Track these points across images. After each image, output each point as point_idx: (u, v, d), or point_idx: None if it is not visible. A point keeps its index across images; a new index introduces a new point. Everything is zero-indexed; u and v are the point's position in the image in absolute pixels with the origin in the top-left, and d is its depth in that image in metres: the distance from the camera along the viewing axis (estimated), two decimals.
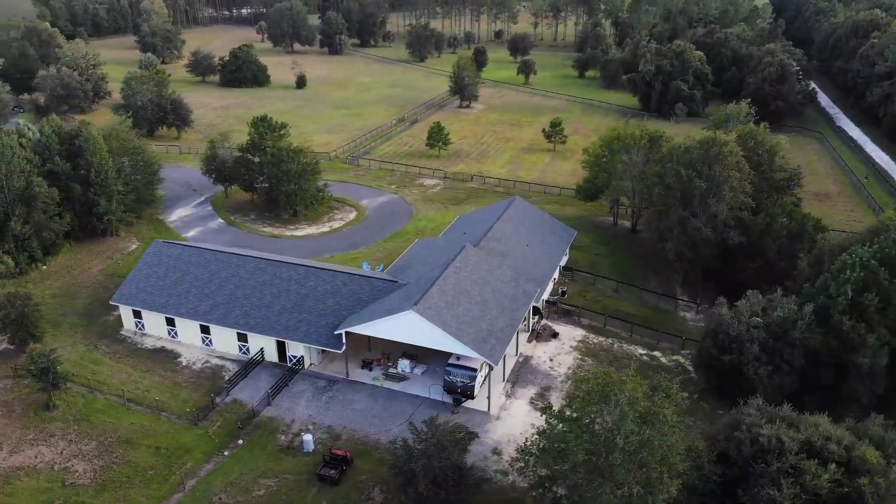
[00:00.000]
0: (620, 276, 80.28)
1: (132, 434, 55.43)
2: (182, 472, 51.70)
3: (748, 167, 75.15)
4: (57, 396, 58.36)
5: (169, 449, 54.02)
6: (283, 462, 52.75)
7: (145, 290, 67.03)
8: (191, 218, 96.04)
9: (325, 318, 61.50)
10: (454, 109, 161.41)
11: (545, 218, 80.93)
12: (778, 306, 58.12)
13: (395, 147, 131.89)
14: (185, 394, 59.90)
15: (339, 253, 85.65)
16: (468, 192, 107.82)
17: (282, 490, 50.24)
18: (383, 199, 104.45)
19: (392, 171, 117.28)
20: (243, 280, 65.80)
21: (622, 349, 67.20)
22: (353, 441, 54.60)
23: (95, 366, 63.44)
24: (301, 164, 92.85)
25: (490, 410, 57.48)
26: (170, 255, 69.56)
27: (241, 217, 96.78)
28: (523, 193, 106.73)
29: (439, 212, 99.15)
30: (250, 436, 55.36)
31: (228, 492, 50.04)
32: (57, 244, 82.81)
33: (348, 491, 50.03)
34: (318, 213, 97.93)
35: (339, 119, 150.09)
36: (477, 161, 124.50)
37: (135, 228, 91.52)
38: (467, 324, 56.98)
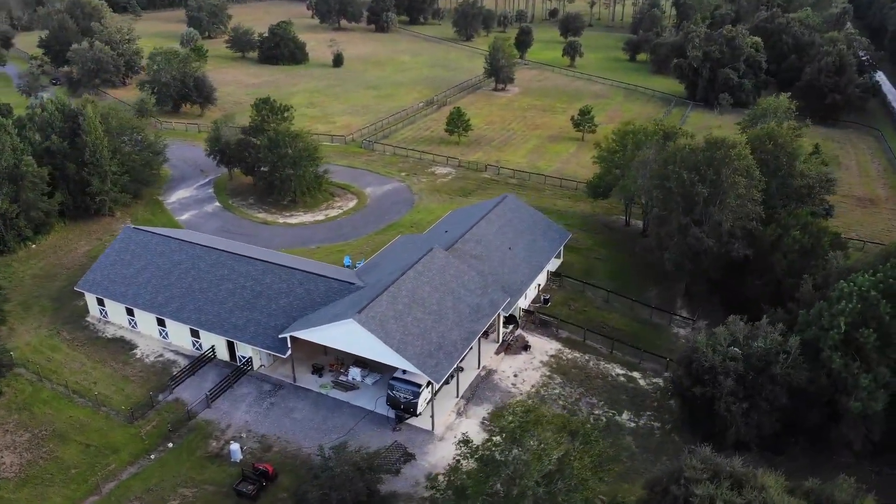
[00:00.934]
0: (617, 283, 74.47)
1: (67, 428, 54.31)
2: (103, 473, 50.18)
3: (759, 173, 67.72)
4: (5, 383, 57.86)
5: (98, 447, 52.60)
6: (208, 471, 50.52)
7: (109, 277, 65.87)
8: (189, 200, 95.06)
9: (274, 318, 58.77)
10: (488, 92, 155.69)
11: (537, 218, 75.66)
12: (760, 335, 51.77)
13: (416, 132, 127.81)
14: (131, 388, 58.45)
15: (327, 244, 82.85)
16: (479, 183, 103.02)
17: (197, 502, 48.04)
18: (388, 187, 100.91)
19: (406, 157, 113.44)
20: (202, 273, 63.73)
21: (598, 367, 61.98)
22: (284, 454, 51.86)
23: (52, 353, 62.80)
24: (298, 149, 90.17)
25: (434, 430, 53.65)
26: (137, 242, 68.14)
27: (240, 201, 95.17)
28: (537, 186, 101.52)
29: (442, 203, 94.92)
30: (182, 439, 53.40)
31: (143, 499, 48.18)
32: (48, 223, 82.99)
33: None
34: (317, 200, 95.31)
35: (368, 100, 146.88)
36: (498, 149, 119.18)
37: (131, 209, 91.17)
38: (415, 336, 53.09)
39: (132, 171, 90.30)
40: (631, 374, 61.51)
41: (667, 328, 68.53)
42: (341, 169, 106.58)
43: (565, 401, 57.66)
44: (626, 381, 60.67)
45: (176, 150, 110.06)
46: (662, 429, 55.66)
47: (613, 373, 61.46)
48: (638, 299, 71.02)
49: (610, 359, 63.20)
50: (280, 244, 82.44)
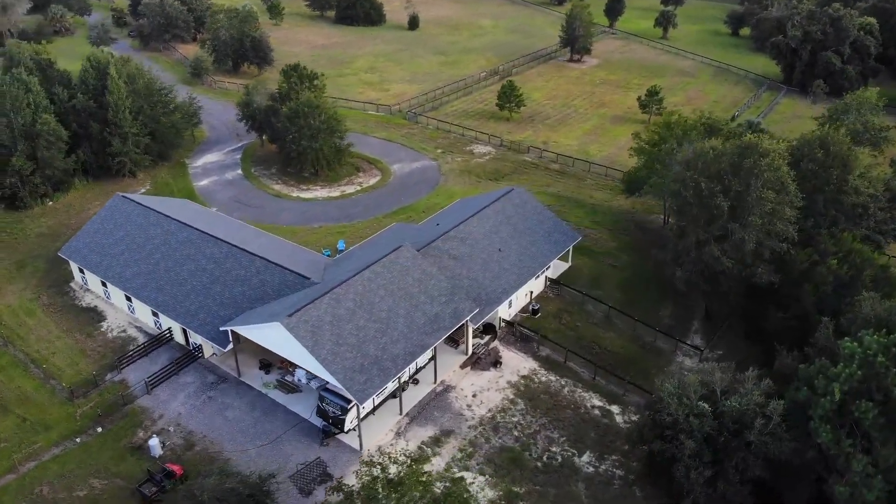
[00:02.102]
0: (628, 296, 66.53)
1: (11, 399, 54.17)
2: (28, 451, 49.54)
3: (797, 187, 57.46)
4: None
5: (33, 423, 52.13)
6: (124, 464, 48.80)
7: (89, 245, 65.31)
8: (215, 165, 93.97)
9: (225, 308, 55.95)
10: (561, 63, 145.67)
11: (544, 216, 68.39)
12: (738, 391, 43.55)
13: (469, 104, 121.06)
14: (84, 364, 57.71)
15: (331, 223, 79.28)
16: (516, 166, 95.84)
17: (103, 496, 46.42)
18: (417, 164, 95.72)
19: (448, 132, 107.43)
20: (171, 250, 61.77)
21: (572, 396, 55.28)
22: (203, 455, 49.31)
23: (27, 317, 63.18)
24: (318, 121, 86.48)
25: (363, 450, 49.40)
26: (122, 212, 67.12)
27: (262, 170, 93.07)
28: (579, 174, 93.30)
29: (467, 187, 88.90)
30: (112, 425, 51.97)
31: (53, 486, 47.09)
32: (67, 181, 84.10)
33: None
34: (339, 174, 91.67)
35: (431, 67, 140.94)
36: (551, 128, 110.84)
37: (154, 171, 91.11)
38: (350, 347, 48.61)
39: (157, 134, 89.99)
40: (609, 407, 54.45)
41: (671, 356, 60.37)
42: (376, 142, 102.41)
43: (521, 432, 51.68)
44: (601, 415, 53.74)
45: (222, 113, 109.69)
46: (625, 479, 48.73)
47: (589, 404, 54.62)
48: (642, 319, 62.93)
49: (590, 386, 56.28)
50: (285, 220, 79.83)
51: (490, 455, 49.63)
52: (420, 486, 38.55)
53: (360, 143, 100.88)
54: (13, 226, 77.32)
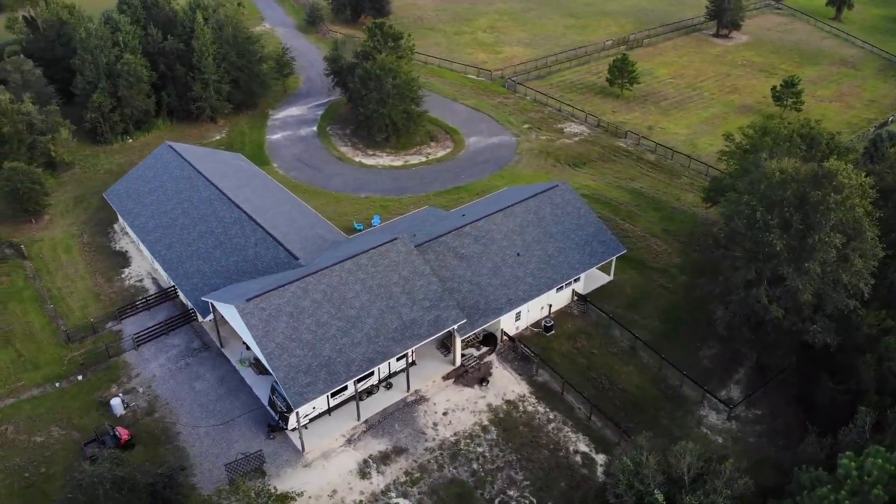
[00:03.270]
0: (667, 326, 57.76)
1: (17, 334, 56.91)
2: (10, 388, 51.86)
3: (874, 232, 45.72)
4: (2, 273, 62.32)
5: (27, 360, 54.51)
6: (88, 417, 49.65)
7: (128, 190, 66.83)
8: (294, 120, 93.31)
9: (217, 276, 54.84)
10: (703, 38, 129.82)
11: (586, 221, 60.48)
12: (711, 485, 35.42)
13: (580, 75, 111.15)
14: (94, 308, 59.45)
15: (379, 195, 75.99)
16: (605, 152, 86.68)
17: (55, 446, 47.50)
18: (495, 140, 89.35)
19: (544, 105, 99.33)
20: (192, 207, 61.49)
21: (556, 434, 48.80)
22: (158, 424, 48.96)
23: (63, 253, 66.19)
24: (392, 85, 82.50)
25: (305, 452, 46.62)
26: (164, 161, 67.88)
27: (337, 129, 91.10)
28: (675, 170, 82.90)
29: (539, 171, 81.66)
30: (93, 375, 53.08)
31: (18, 427, 48.90)
32: (147, 121, 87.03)
33: None
34: (411, 141, 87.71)
35: (556, 29, 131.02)
36: (664, 112, 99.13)
37: (234, 119, 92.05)
38: (303, 343, 45.52)
39: (241, 82, 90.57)
40: (594, 455, 47.52)
41: (694, 407, 51.65)
42: (463, 110, 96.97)
43: (481, 466, 46.40)
44: (581, 463, 47.06)
45: (323, 65, 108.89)
46: None
47: (572, 447, 48.01)
48: (676, 356, 54.28)
49: (581, 427, 49.44)
50: (335, 185, 77.67)
51: (436, 486, 45.06)
52: None
53: (445, 110, 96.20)
54: (89, 159, 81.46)
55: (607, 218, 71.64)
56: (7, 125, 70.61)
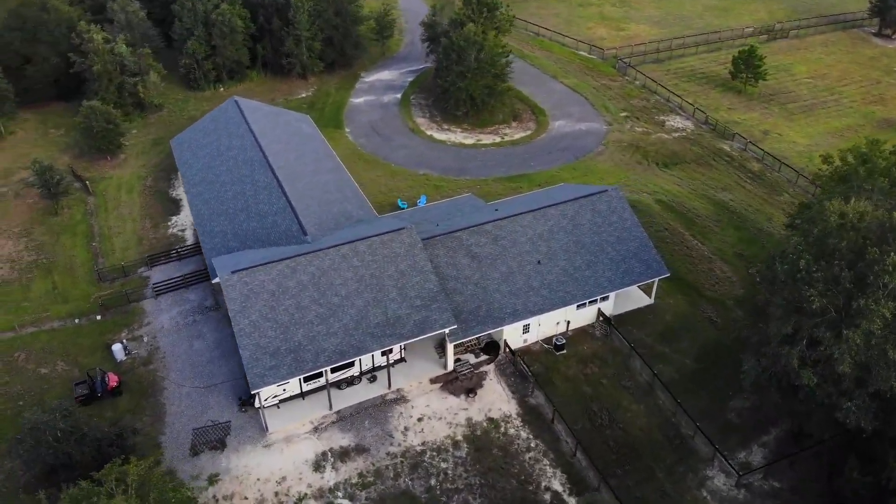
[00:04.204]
0: (701, 365, 51.06)
1: (60, 266, 60.50)
2: (36, 317, 55.32)
3: None
4: (66, 205, 66.41)
5: (59, 292, 57.93)
6: (93, 357, 51.97)
7: (190, 141, 68.52)
8: (382, 84, 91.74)
9: (235, 239, 54.92)
10: (863, 36, 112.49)
11: (630, 235, 54.23)
12: None
13: (705, 63, 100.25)
14: (134, 251, 61.97)
15: (437, 173, 73.13)
16: (703, 154, 77.87)
17: (55, 380, 50.18)
18: (583, 126, 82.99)
19: (652, 92, 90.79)
20: (235, 166, 61.86)
21: (531, 465, 44.77)
22: (151, 377, 50.29)
23: (125, 194, 69.48)
24: (475, 58, 78.43)
25: (269, 432, 45.99)
26: (227, 116, 68.80)
27: (421, 99, 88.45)
28: (777, 183, 73.53)
29: (619, 167, 74.96)
30: (109, 318, 55.45)
31: (29, 356, 52.09)
32: (241, 72, 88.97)
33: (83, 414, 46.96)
34: (491, 119, 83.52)
35: (693, 10, 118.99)
36: (788, 115, 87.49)
37: (325, 78, 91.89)
38: (276, 325, 44.51)
39: (335, 41, 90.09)
40: (567, 498, 43.11)
41: (701, 466, 45.40)
42: (560, 89, 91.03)
43: (440, 483, 43.55)
44: (549, 503, 42.90)
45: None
46: None
47: (544, 483, 43.87)
48: (699, 404, 47.90)
49: (562, 462, 45.01)
50: (397, 158, 75.66)
51: (386, 495, 42.89)
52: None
53: (540, 87, 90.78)
54: (178, 104, 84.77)
55: (674, 231, 64.55)
56: (98, 64, 74.65)
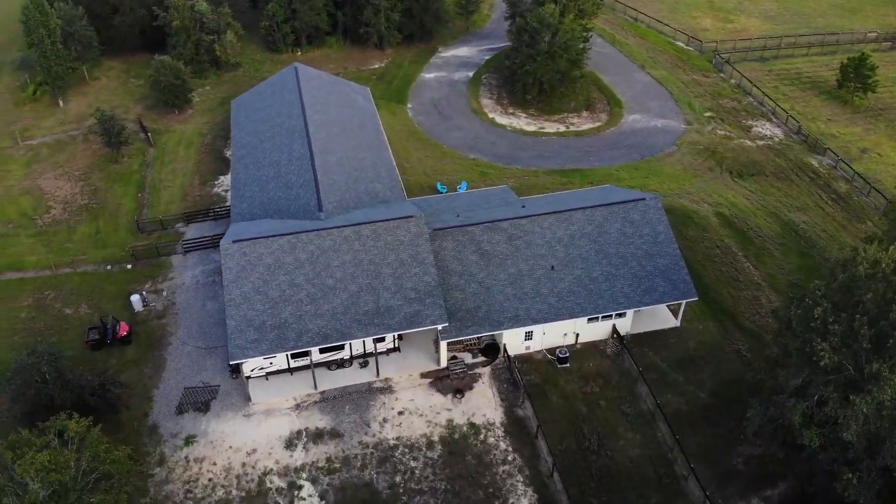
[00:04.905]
0: (717, 401, 46.74)
1: (107, 211, 63.58)
2: (71, 259, 58.33)
3: None
4: (126, 154, 69.50)
5: (100, 237, 60.90)
6: (114, 304, 54.32)
7: (247, 103, 69.48)
8: (457, 61, 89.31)
9: (259, 207, 55.09)
10: None
11: (659, 251, 49.96)
12: None
13: (813, 67, 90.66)
14: (177, 206, 64.01)
15: (487, 159, 70.71)
16: (785, 168, 70.71)
17: (74, 322, 52.79)
18: (658, 123, 77.51)
19: (746, 94, 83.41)
20: (279, 133, 61.81)
21: (503, 479, 42.79)
22: (161, 332, 51.99)
23: (184, 149, 71.72)
24: (548, 42, 74.70)
25: (252, 400, 46.46)
26: (285, 82, 69.17)
27: (492, 79, 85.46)
28: (864, 209, 66.18)
29: (685, 172, 69.59)
30: (137, 268, 57.66)
31: (59, 295, 55.12)
32: (319, 37, 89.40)
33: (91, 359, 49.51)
34: (560, 106, 79.68)
35: (817, 7, 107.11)
36: (895, 135, 78.12)
37: (402, 50, 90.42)
38: (266, 299, 44.63)
39: (414, 12, 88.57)
40: None
41: None
42: (645, 80, 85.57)
43: (404, 482, 42.47)
44: None
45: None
46: None
47: (511, 500, 41.79)
48: (698, 443, 44.03)
49: (536, 482, 42.72)
50: (450, 140, 73.69)
51: (348, 484, 42.39)
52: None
53: (624, 77, 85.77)
54: (255, 64, 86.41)
55: (727, 250, 59.30)
56: (177, 20, 77.11)
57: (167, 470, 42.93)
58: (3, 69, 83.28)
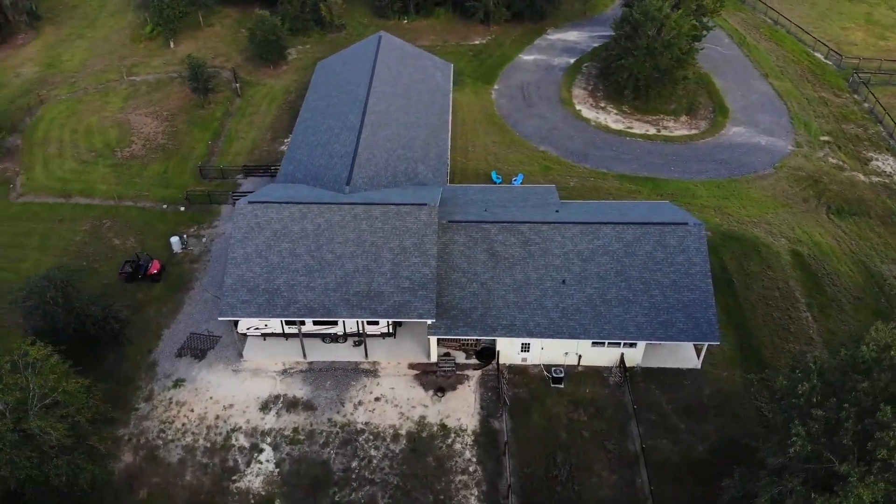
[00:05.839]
0: (709, 458, 42.12)
1: (181, 152, 67.05)
2: (135, 193, 62.29)
3: None
4: (213, 101, 72.82)
5: (166, 177, 64.48)
6: (159, 242, 57.45)
7: (330, 67, 70.14)
8: (562, 45, 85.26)
9: (301, 171, 55.79)
10: None
11: (693, 284, 45.08)
12: None
13: None
14: (242, 158, 66.35)
15: (558, 154, 67.14)
16: (893, 212, 61.93)
17: (118, 251, 56.53)
18: (762, 140, 69.78)
19: (878, 122, 73.16)
20: (343, 100, 61.93)
21: (458, 490, 41.23)
22: (189, 276, 54.49)
23: (267, 104, 73.94)
24: (651, 37, 69.12)
25: (244, 357, 47.79)
26: (365, 50, 69.26)
27: (593, 68, 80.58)
28: None
29: (775, 200, 62.47)
30: (190, 211, 60.60)
31: (113, 226, 59.17)
32: (427, 8, 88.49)
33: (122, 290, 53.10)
34: (658, 107, 73.99)
35: None
36: None
37: (507, 28, 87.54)
38: (265, 263, 45.40)
39: None
40: None
41: None
42: (764, 90, 77.80)
43: (359, 467, 42.12)
44: None
45: None
46: None
47: None
48: (663, 495, 40.01)
49: (489, 500, 40.81)
50: (525, 129, 70.76)
51: (304, 458, 42.69)
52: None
53: (740, 83, 78.76)
54: (360, 28, 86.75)
55: (788, 295, 52.85)
56: None
57: (151, 407, 45.37)
58: (129, 7, 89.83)
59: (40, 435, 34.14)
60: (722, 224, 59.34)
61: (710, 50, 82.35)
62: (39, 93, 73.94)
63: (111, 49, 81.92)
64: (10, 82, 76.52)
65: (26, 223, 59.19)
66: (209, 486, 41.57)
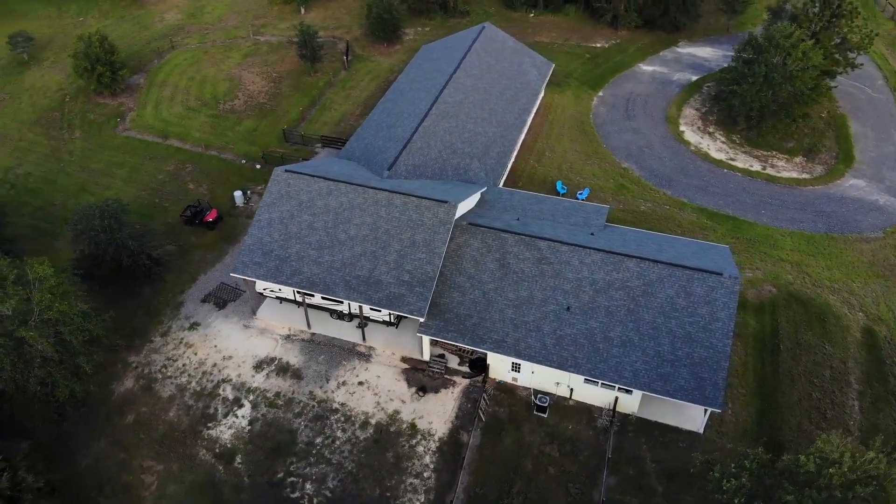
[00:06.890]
0: None
1: (276, 114, 70.55)
2: (223, 146, 66.53)
3: None
4: (321, 69, 75.76)
5: (256, 134, 68.19)
6: (226, 193, 61.40)
7: (431, 52, 69.97)
8: (690, 61, 78.86)
9: (363, 150, 56.76)
10: None
11: (707, 342, 40.69)
12: None
13: None
14: (329, 129, 68.61)
15: (641, 175, 62.87)
16: None
17: (189, 196, 60.82)
18: (879, 200, 60.91)
19: None
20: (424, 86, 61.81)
21: (406, 491, 40.83)
22: (243, 230, 57.02)
23: (369, 80, 75.58)
24: (773, 66, 62.61)
25: (256, 315, 50.22)
26: (464, 39, 68.65)
27: (713, 88, 73.99)
28: None
29: (866, 265, 54.84)
30: (263, 170, 63.79)
31: (193, 172, 63.82)
32: (556, 3, 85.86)
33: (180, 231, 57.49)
34: (776, 143, 66.87)
35: None
36: None
37: (637, 33, 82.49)
38: (285, 232, 47.30)
39: None
40: None
41: None
42: None
43: (322, 445, 42.96)
44: None
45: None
46: None
47: None
48: None
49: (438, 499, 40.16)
50: (615, 142, 66.74)
51: (274, 423, 44.21)
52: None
53: (880, 133, 69.21)
54: (481, 17, 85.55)
55: (840, 376, 46.53)
56: None
57: (163, 342, 49.00)
58: None
59: (28, 344, 38.13)
60: (794, 283, 53.03)
61: (857, 90, 73.22)
62: (173, 39, 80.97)
63: (248, 8, 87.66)
64: (153, 25, 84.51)
65: (123, 155, 65.57)
66: (186, 426, 44.35)
